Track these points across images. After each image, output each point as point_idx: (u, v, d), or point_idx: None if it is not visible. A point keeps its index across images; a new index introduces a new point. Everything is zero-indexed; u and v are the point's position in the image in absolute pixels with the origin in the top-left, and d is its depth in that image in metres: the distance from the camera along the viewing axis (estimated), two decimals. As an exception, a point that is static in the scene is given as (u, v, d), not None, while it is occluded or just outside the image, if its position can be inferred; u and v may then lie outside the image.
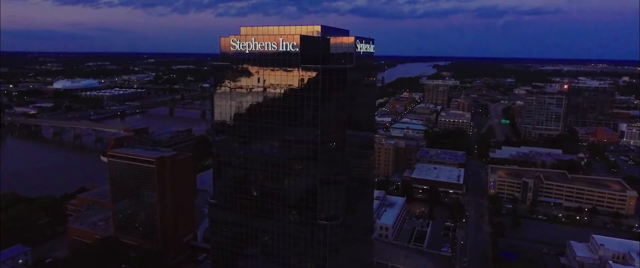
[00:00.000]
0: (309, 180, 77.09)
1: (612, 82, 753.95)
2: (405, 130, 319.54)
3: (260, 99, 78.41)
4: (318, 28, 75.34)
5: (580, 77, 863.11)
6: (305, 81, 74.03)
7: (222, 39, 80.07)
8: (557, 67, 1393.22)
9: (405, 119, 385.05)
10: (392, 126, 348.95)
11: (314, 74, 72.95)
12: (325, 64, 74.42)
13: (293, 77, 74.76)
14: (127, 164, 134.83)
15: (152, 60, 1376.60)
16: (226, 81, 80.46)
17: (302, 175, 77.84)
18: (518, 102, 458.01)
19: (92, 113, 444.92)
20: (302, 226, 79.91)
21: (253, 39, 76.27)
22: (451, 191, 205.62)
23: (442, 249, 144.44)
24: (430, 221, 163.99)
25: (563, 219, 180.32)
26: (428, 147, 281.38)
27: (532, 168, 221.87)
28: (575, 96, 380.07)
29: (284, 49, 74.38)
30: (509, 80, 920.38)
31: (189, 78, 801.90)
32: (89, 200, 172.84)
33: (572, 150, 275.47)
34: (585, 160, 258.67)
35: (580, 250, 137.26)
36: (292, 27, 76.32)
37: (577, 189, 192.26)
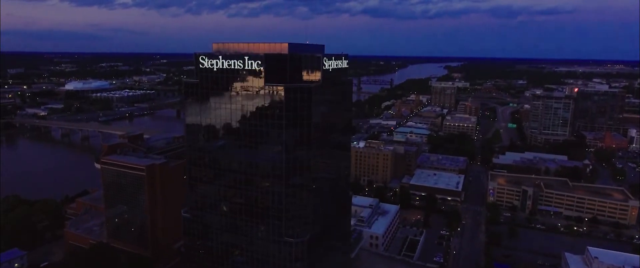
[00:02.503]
0: (275, 198, 77.34)
1: (627, 84, 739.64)
2: (409, 134, 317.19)
3: (228, 117, 78.84)
4: (286, 46, 75.36)
5: (594, 79, 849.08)
6: (270, 100, 74.24)
7: (196, 55, 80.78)
8: (572, 68, 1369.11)
9: (410, 123, 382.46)
10: (396, 130, 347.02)
11: (278, 92, 73.12)
12: (290, 82, 74.47)
13: (258, 96, 75.08)
14: (119, 172, 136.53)
15: (164, 61, 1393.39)
16: (196, 98, 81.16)
17: (268, 193, 78.16)
18: (526, 105, 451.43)
19: (100, 114, 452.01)
20: (270, 243, 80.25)
21: (220, 57, 76.78)
22: (449, 199, 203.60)
23: (434, 258, 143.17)
24: (424, 230, 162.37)
25: (562, 229, 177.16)
26: (431, 152, 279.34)
27: (533, 176, 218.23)
28: (584, 100, 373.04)
29: (250, 67, 74.75)
30: (521, 82, 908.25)
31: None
32: (87, 205, 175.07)
33: (578, 156, 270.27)
34: (591, 167, 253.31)
35: (574, 262, 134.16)
36: (260, 45, 76.59)
37: (578, 198, 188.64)
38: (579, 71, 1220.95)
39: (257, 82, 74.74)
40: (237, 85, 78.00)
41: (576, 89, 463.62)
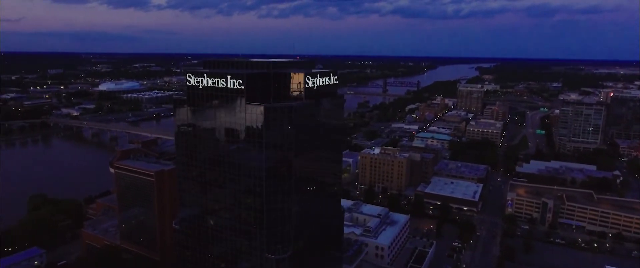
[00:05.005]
0: (256, 214, 77.58)
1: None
2: (429, 140, 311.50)
3: (213, 134, 79.84)
4: (270, 64, 75.37)
5: (636, 82, 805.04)
6: (251, 119, 74.59)
7: (185, 72, 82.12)
8: (613, 70, 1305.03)
9: (432, 128, 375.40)
10: (417, 135, 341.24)
11: (259, 111, 73.28)
12: (274, 100, 74.41)
13: (240, 115, 75.54)
14: (130, 177, 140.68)
15: (195, 61, 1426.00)
16: (184, 114, 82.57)
17: (251, 209, 78.50)
18: (556, 110, 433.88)
19: (130, 115, 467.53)
20: (253, 258, 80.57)
21: (205, 75, 77.77)
22: (465, 209, 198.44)
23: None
24: (434, 242, 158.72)
25: (583, 244, 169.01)
26: (452, 158, 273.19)
27: (555, 187, 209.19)
28: (618, 106, 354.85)
29: (232, 86, 75.27)
30: (555, 84, 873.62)
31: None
32: (105, 206, 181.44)
33: (608, 166, 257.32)
34: (621, 178, 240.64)
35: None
36: (245, 61, 76.93)
37: (602, 211, 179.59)
38: (620, 73, 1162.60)
39: (240, 101, 75.32)
40: (221, 103, 78.90)
41: (611, 94, 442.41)
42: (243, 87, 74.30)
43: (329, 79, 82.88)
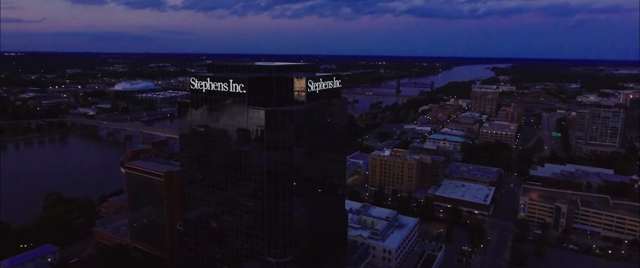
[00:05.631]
0: (257, 217, 77.62)
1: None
2: (442, 142, 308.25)
3: (215, 137, 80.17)
4: (272, 68, 75.37)
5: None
6: (253, 123, 74.63)
7: (190, 76, 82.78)
8: (634, 71, 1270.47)
9: (445, 129, 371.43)
10: (429, 136, 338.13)
11: (260, 115, 73.31)
12: (275, 104, 74.39)
13: (242, 119, 75.71)
14: (140, 177, 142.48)
15: (210, 61, 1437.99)
16: (188, 117, 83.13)
17: (252, 212, 78.58)
18: (573, 113, 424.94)
19: (144, 114, 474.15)
20: (254, 262, 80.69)
21: (208, 79, 78.21)
22: (476, 212, 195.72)
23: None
24: (443, 245, 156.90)
25: (597, 251, 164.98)
26: (464, 161, 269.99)
27: (569, 191, 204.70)
28: (638, 108, 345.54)
29: (234, 90, 75.51)
30: (573, 86, 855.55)
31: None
32: (117, 204, 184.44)
33: (626, 170, 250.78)
34: None
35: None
36: (248, 65, 76.98)
37: (618, 217, 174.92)
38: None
39: (242, 105, 75.59)
40: (224, 107, 79.31)
41: (630, 96, 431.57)
42: (245, 91, 74.60)
43: (332, 83, 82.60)
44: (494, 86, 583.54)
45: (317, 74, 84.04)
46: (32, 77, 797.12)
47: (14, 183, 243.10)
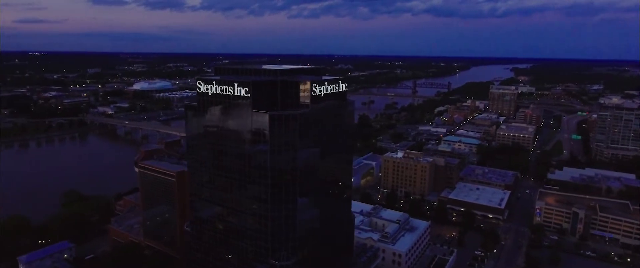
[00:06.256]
0: (261, 220, 77.68)
1: None
2: (457, 144, 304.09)
3: (221, 140, 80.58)
4: (277, 72, 75.29)
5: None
6: (257, 126, 74.82)
7: (197, 79, 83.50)
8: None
9: (461, 131, 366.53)
10: (445, 138, 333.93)
11: (264, 118, 73.32)
12: (280, 108, 74.37)
13: (247, 122, 75.94)
14: (153, 176, 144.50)
15: (227, 61, 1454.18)
16: (195, 120, 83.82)
17: (256, 215, 78.73)
18: (595, 115, 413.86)
19: (161, 113, 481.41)
20: (258, 263, 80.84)
21: (214, 82, 78.66)
22: (491, 216, 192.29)
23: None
24: (455, 250, 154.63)
25: (616, 258, 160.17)
26: (480, 164, 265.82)
27: (587, 196, 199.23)
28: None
29: (239, 94, 75.78)
30: (596, 87, 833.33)
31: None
32: (132, 203, 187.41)
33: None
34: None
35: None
36: (254, 69, 77.06)
37: (639, 224, 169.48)
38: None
39: (246, 108, 75.87)
40: (229, 110, 79.76)
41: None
42: (249, 95, 74.84)
43: (338, 87, 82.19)
44: (513, 87, 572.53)
45: (325, 76, 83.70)
46: (55, 77, 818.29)
47: (36, 180, 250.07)
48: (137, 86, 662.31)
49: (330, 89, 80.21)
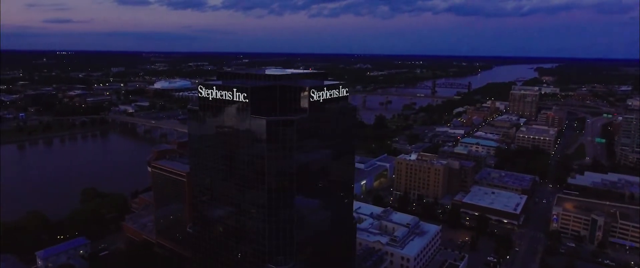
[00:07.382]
0: (259, 224, 77.93)
1: None
2: (474, 146, 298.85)
3: (221, 144, 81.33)
4: (277, 77, 75.41)
5: None
6: (255, 131, 75.06)
7: (198, 84, 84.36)
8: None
9: (479, 133, 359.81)
10: (462, 140, 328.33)
11: (262, 124, 73.46)
12: (279, 113, 74.47)
13: (245, 127, 76.33)
14: (165, 176, 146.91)
15: (247, 60, 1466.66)
16: (196, 124, 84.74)
17: (254, 219, 79.05)
18: (620, 117, 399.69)
19: (180, 112, 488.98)
20: (255, 267, 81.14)
21: (214, 87, 79.41)
22: (505, 221, 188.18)
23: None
24: (466, 255, 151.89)
25: (635, 267, 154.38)
26: (498, 167, 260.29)
27: (607, 203, 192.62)
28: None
29: (238, 99, 76.22)
30: (624, 88, 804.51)
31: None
32: (147, 201, 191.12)
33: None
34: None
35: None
36: (256, 74, 77.36)
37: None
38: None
39: (245, 114, 76.31)
40: (228, 115, 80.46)
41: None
42: (248, 100, 75.30)
43: (338, 92, 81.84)
44: (535, 88, 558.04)
45: (327, 81, 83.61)
46: (80, 76, 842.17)
47: (58, 177, 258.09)
48: (157, 85, 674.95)
49: (330, 95, 79.96)
